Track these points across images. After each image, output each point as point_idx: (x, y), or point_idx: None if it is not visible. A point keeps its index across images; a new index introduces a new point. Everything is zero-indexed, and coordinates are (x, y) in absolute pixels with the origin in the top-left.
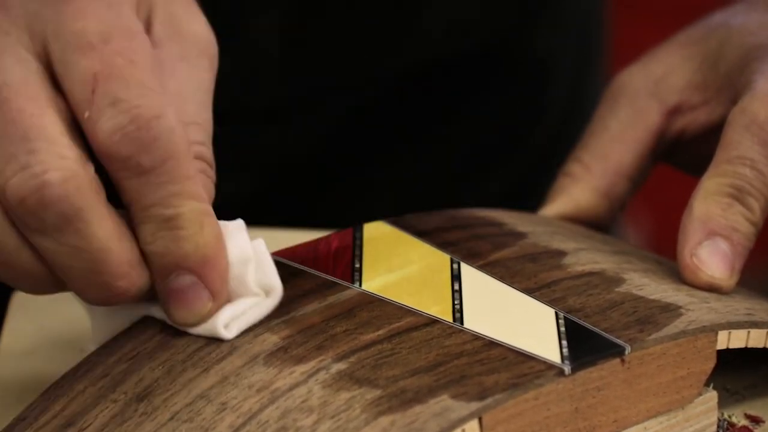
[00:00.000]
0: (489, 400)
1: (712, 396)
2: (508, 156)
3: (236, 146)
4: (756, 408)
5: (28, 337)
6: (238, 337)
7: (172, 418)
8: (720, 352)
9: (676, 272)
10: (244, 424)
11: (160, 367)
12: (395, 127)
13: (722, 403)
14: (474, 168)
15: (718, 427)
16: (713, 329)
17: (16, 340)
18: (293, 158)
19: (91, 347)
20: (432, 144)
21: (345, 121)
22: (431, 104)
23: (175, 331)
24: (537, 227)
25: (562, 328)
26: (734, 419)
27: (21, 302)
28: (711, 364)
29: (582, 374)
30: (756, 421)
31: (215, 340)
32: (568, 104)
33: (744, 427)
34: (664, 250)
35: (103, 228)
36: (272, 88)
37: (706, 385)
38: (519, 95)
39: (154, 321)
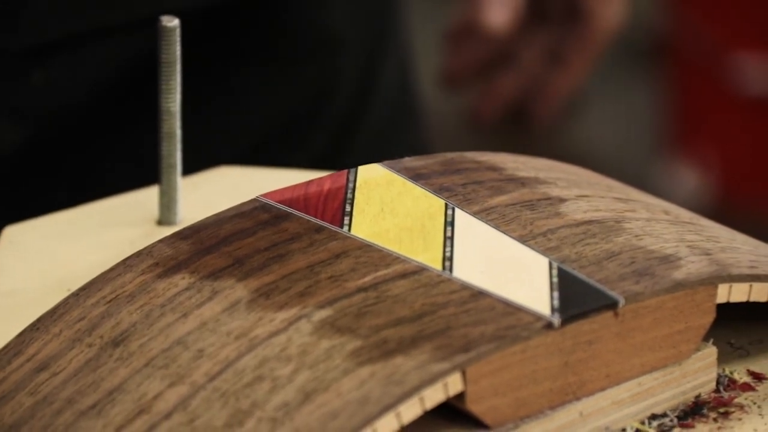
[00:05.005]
0: (473, 353)
1: (711, 351)
2: (302, 129)
3: None
4: (760, 365)
5: (16, 275)
6: (219, 281)
7: (147, 364)
8: (727, 307)
9: (682, 222)
10: (220, 372)
11: (138, 312)
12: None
13: (725, 359)
14: (266, 137)
15: (718, 383)
16: (713, 282)
17: (2, 277)
18: (62, 108)
19: None
20: (222, 105)
21: (119, 69)
22: (218, 56)
23: (156, 275)
24: (539, 173)
25: (555, 279)
26: (736, 375)
27: (10, 239)
28: (710, 318)
29: (572, 327)
30: (759, 378)
31: (195, 285)
32: (361, 84)
33: (745, 383)
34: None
35: None
36: (34, 26)
37: (707, 339)
38: (309, 66)
39: (135, 263)
